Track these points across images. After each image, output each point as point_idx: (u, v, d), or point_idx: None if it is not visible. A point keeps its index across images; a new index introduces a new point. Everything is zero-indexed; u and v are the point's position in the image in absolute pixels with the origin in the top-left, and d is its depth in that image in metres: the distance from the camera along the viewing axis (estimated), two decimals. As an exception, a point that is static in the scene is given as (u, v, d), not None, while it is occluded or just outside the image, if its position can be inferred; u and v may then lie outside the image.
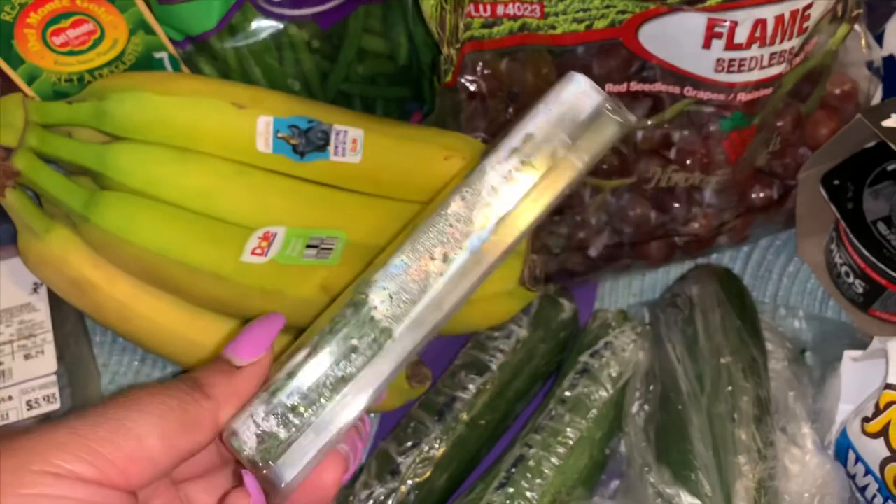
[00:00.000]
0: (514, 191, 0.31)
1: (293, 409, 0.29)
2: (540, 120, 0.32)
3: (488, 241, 0.31)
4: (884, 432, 0.43)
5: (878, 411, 0.44)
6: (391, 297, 0.30)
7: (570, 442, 0.45)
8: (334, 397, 0.29)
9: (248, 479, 0.29)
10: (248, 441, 0.29)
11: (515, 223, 0.31)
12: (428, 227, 0.31)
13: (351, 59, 0.57)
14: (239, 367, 0.30)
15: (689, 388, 0.47)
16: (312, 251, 0.43)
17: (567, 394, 0.47)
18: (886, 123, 0.47)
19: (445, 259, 0.30)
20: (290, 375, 0.29)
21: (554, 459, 0.45)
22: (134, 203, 0.43)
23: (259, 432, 0.29)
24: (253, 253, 0.42)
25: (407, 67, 0.61)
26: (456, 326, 0.43)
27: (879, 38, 0.56)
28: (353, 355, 0.30)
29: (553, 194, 0.32)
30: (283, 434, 0.29)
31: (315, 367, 0.30)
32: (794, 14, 0.42)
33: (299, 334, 0.32)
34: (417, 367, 0.45)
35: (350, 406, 0.29)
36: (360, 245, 0.44)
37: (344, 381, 0.29)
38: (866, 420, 0.45)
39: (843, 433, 0.47)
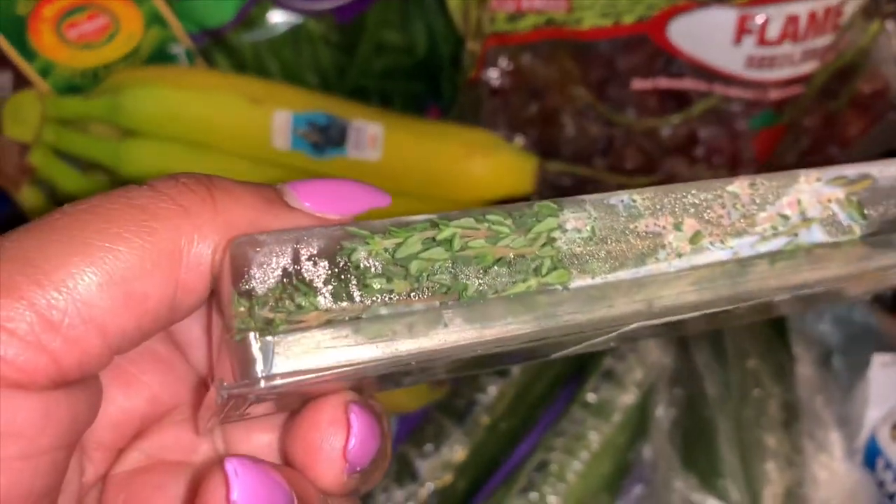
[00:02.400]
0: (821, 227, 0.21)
1: (364, 277, 0.17)
2: (886, 168, 0.22)
3: (757, 260, 0.20)
4: (916, 439, 0.42)
5: (910, 418, 0.43)
6: (593, 232, 0.19)
7: (594, 447, 0.44)
8: (423, 310, 0.18)
9: (232, 465, 0.17)
10: (265, 278, 0.17)
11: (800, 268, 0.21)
12: (688, 188, 0.20)
13: (369, 53, 0.56)
14: (290, 205, 0.19)
15: (715, 393, 0.46)
16: None
17: (590, 397, 0.46)
18: (921, 122, 0.45)
19: (694, 240, 0.20)
20: (390, 233, 0.18)
21: (577, 464, 0.44)
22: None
23: (290, 277, 0.17)
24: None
25: (424, 62, 0.60)
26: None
27: (911, 35, 0.54)
28: (500, 268, 0.18)
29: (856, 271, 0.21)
30: (325, 301, 0.17)
31: (428, 246, 0.18)
32: (827, 10, 0.41)
33: None
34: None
35: (427, 337, 0.18)
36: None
37: (450, 292, 0.18)
38: (897, 427, 0.43)
39: (872, 439, 0.46)
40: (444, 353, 0.18)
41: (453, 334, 0.18)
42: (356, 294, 0.17)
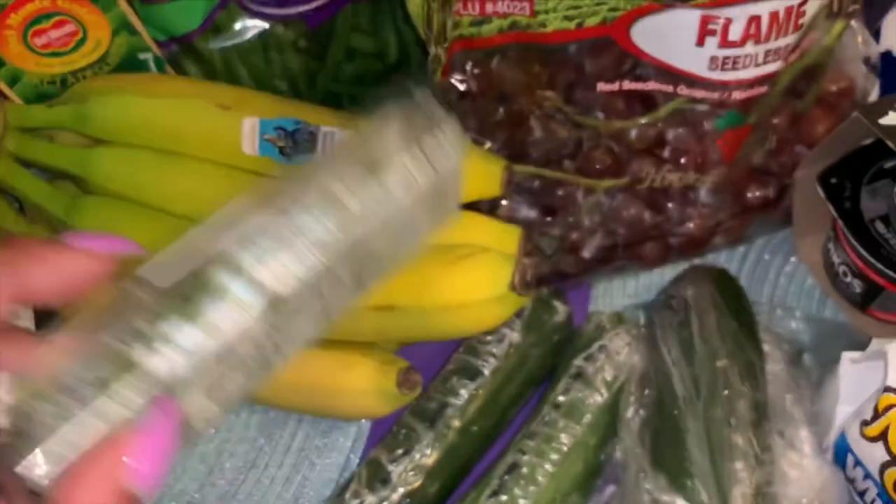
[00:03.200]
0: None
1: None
2: None
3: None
4: (883, 436, 0.43)
5: (877, 415, 0.43)
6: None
7: (565, 448, 0.45)
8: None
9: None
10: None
11: None
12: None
13: (339, 58, 0.56)
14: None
15: (684, 393, 0.46)
16: None
17: (561, 398, 0.47)
18: (884, 121, 0.46)
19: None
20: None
21: (548, 466, 0.44)
22: (116, 208, 0.43)
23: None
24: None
25: (396, 66, 0.60)
26: (446, 332, 0.42)
27: (876, 34, 0.55)
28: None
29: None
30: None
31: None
32: (789, 10, 0.41)
33: None
34: (408, 372, 0.45)
35: None
36: None
37: None
38: (865, 423, 0.44)
39: (842, 437, 0.46)
40: None
41: None
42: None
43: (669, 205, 0.50)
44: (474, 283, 0.40)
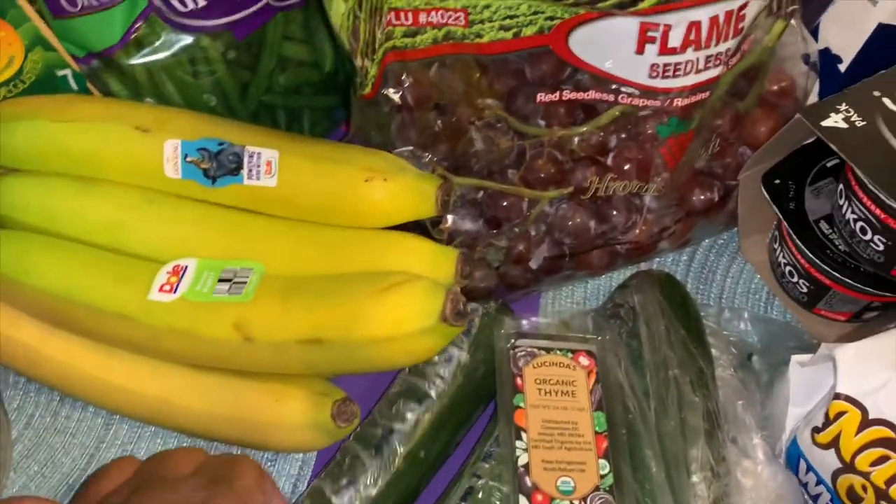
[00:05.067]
0: None
1: None
2: None
3: None
4: (834, 443, 0.42)
5: (828, 422, 0.43)
6: None
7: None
8: None
9: None
10: None
11: None
12: None
13: (271, 68, 0.54)
14: None
15: (636, 406, 0.45)
16: (225, 286, 0.40)
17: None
18: (826, 123, 0.45)
19: None
20: None
21: (505, 489, 0.43)
22: (30, 242, 0.40)
23: None
24: (161, 290, 0.39)
25: (333, 75, 0.58)
26: (376, 365, 0.41)
27: (815, 32, 0.54)
28: None
29: None
30: None
31: None
32: (728, 15, 0.41)
33: None
34: (343, 404, 0.43)
35: None
36: (277, 276, 0.41)
37: None
38: (816, 430, 0.43)
39: (794, 442, 0.46)
40: None
41: None
42: None
43: (614, 213, 0.49)
44: (403, 315, 0.38)
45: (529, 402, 0.44)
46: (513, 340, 0.47)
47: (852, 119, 0.45)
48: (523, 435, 0.43)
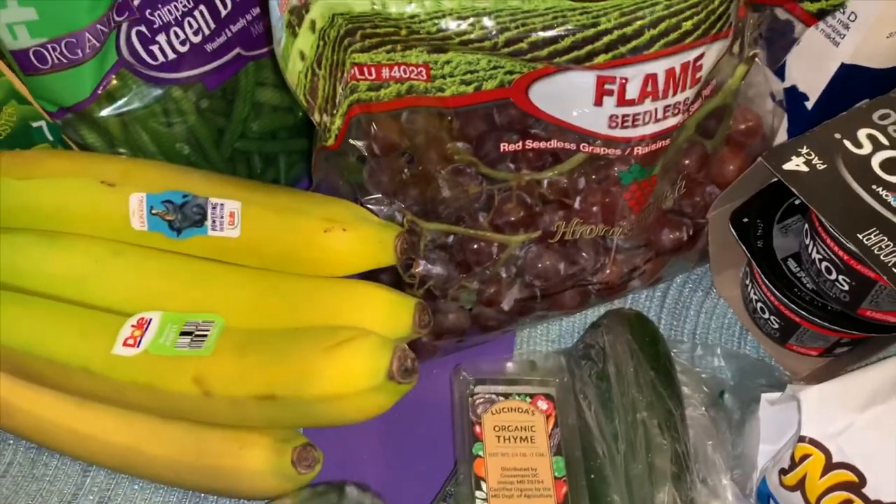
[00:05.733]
0: None
1: None
2: None
3: None
4: (800, 486, 0.43)
5: (793, 464, 0.43)
6: None
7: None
8: None
9: None
10: None
11: None
12: None
13: (245, 115, 0.55)
14: None
15: (604, 449, 0.45)
16: (186, 339, 0.40)
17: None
18: (787, 166, 0.46)
19: None
20: None
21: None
22: (-6, 299, 0.41)
23: None
24: (125, 344, 0.40)
25: (308, 119, 0.59)
26: (329, 421, 0.41)
27: (782, 70, 0.55)
28: None
29: None
30: None
31: None
32: (684, 66, 0.41)
33: None
34: (305, 450, 0.43)
35: None
36: (237, 329, 0.41)
37: None
38: (783, 472, 0.44)
39: (763, 482, 0.46)
40: None
41: None
42: None
43: (583, 255, 0.50)
44: (350, 373, 0.38)
45: (488, 451, 0.44)
46: (471, 387, 0.47)
47: (813, 162, 0.46)
48: (483, 485, 0.43)
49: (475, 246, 0.49)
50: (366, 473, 0.49)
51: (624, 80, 0.40)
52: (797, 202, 0.53)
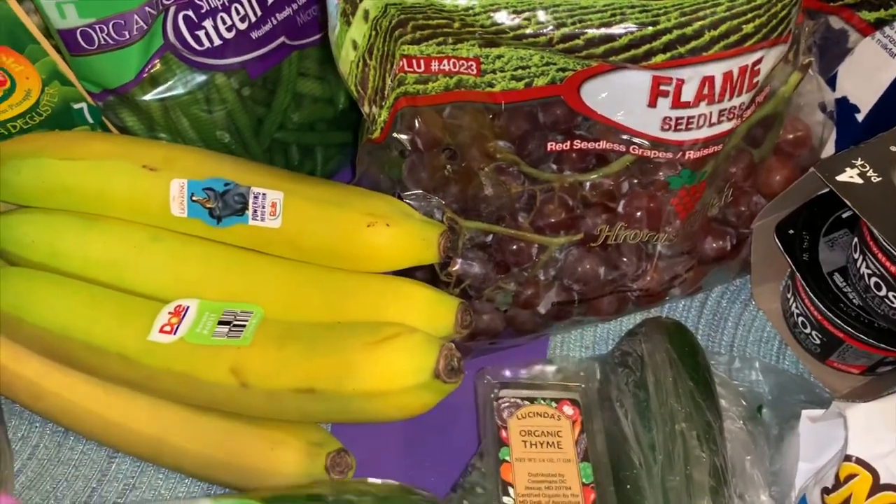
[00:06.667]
0: None
1: None
2: None
3: None
4: (844, 506, 0.42)
5: (838, 483, 0.42)
6: None
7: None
8: None
9: None
10: None
11: None
12: None
13: (286, 105, 0.54)
14: None
15: (641, 459, 0.44)
16: (224, 328, 0.40)
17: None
18: (841, 178, 0.45)
19: None
20: None
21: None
22: (32, 279, 0.40)
23: None
24: (161, 330, 0.39)
25: (347, 111, 0.58)
26: (369, 417, 0.40)
27: (832, 81, 0.54)
28: None
29: None
30: None
31: None
32: (742, 70, 0.40)
33: None
34: (338, 455, 0.42)
35: None
36: (276, 321, 0.41)
37: None
38: (826, 491, 0.43)
39: (803, 500, 0.45)
40: None
41: None
42: None
43: (625, 260, 0.49)
44: (395, 371, 0.38)
45: (515, 456, 0.44)
46: (496, 391, 0.46)
47: (868, 174, 0.45)
48: (510, 490, 0.42)
49: (514, 246, 0.49)
50: (386, 473, 0.48)
51: (680, 82, 0.40)
52: (845, 215, 0.52)
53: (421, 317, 0.41)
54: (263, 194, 0.44)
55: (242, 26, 0.49)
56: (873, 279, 0.47)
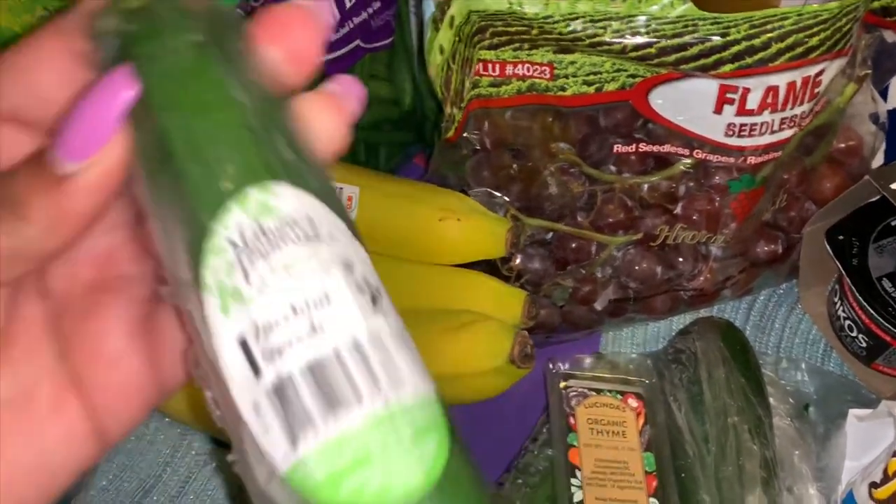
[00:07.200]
0: None
1: None
2: None
3: None
4: (892, 500, 0.43)
5: (886, 478, 0.44)
6: None
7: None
8: None
9: None
10: None
11: None
12: None
13: (356, 105, 0.57)
14: (64, 175, 0.19)
15: (695, 450, 0.46)
16: None
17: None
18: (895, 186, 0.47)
19: None
20: None
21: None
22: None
23: None
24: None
25: (411, 112, 0.61)
26: (449, 398, 0.42)
27: (884, 92, 0.56)
28: None
29: None
30: None
31: None
32: (805, 80, 0.42)
33: None
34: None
35: None
36: None
37: None
38: (874, 485, 0.44)
39: (850, 495, 0.46)
40: None
41: None
42: None
43: (681, 260, 0.51)
44: (472, 354, 0.40)
45: (582, 441, 0.46)
46: (564, 381, 0.48)
47: (921, 183, 0.47)
48: (578, 473, 0.44)
49: (574, 244, 0.51)
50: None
51: (746, 90, 0.42)
52: (894, 223, 0.54)
53: (492, 307, 0.43)
54: (340, 188, 0.46)
55: (322, 29, 0.51)
56: (923, 284, 0.48)
